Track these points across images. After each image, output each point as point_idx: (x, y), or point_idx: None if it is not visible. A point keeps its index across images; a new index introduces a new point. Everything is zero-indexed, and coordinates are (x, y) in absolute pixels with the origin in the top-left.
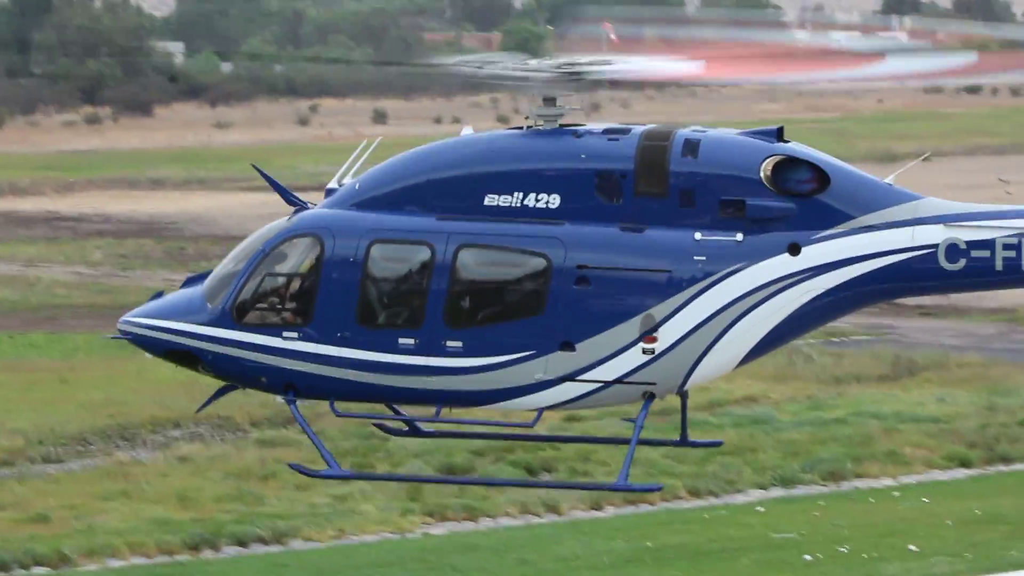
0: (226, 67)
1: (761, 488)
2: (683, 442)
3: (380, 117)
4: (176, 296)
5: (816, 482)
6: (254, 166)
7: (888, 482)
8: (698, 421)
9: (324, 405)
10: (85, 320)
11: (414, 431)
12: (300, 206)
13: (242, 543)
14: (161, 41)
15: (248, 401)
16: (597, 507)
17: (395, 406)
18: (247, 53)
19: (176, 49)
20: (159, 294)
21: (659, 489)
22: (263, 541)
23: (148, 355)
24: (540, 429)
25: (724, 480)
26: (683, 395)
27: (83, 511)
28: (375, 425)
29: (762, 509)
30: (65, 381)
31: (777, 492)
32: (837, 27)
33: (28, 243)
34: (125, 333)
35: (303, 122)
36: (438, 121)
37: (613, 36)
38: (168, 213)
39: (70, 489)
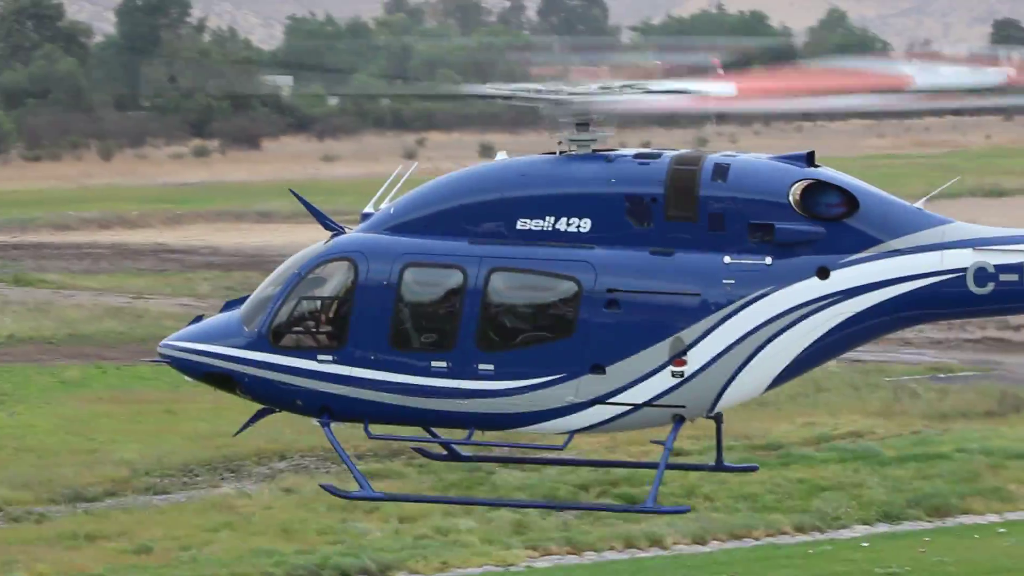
0: (333, 100)
1: (866, 524)
2: (718, 467)
3: (486, 151)
4: (214, 320)
5: (921, 518)
6: (291, 191)
7: (993, 518)
8: (802, 455)
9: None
10: None
11: (452, 455)
12: (337, 231)
13: (346, 575)
14: (269, 75)
15: (353, 434)
16: (701, 541)
17: (430, 429)
18: (346, 92)
19: (284, 82)
20: (199, 318)
21: (687, 511)
22: (367, 573)
23: (188, 378)
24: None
25: (828, 515)
26: (718, 419)
27: (188, 542)
28: (414, 449)
29: (867, 545)
30: (172, 412)
31: (882, 528)
32: (944, 58)
33: (136, 275)
34: (165, 357)
35: (409, 155)
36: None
37: (720, 70)
38: (275, 245)
39: (175, 520)
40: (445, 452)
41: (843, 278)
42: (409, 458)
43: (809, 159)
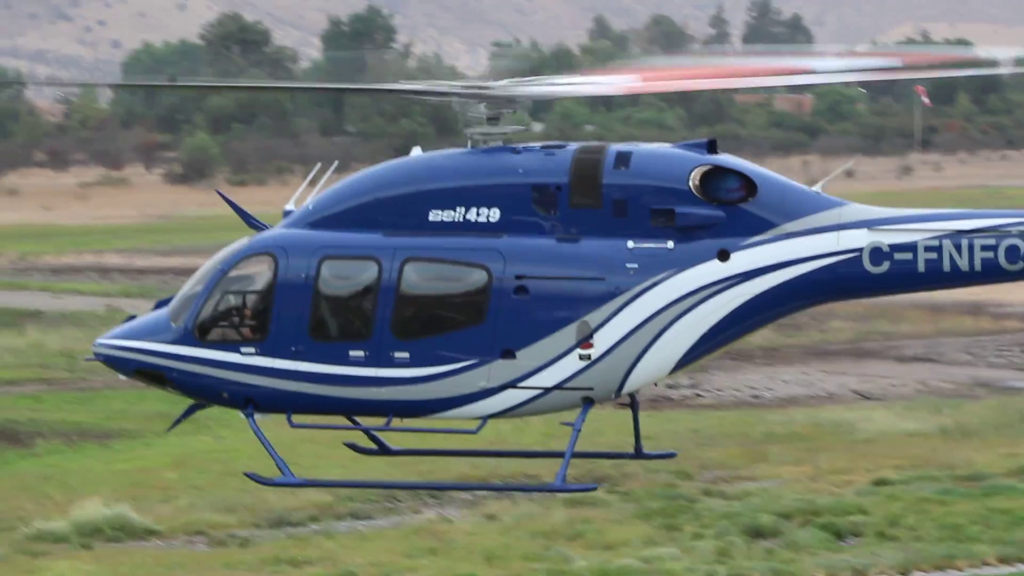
0: (537, 127)
1: None
2: (637, 454)
3: None
4: (145, 318)
5: None
6: (217, 191)
7: None
8: (1006, 486)
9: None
10: None
11: (383, 449)
12: (260, 228)
13: None
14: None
15: (555, 463)
16: (904, 571)
17: (352, 418)
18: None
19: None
20: (131, 318)
21: (594, 489)
22: None
23: (121, 376)
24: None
25: None
26: (634, 407)
27: (390, 568)
28: (346, 445)
29: None
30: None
31: None
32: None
33: None
34: (98, 355)
35: None
36: None
37: (926, 99)
38: None
39: (378, 546)
40: (376, 447)
41: (743, 260)
42: (612, 485)
43: (710, 146)
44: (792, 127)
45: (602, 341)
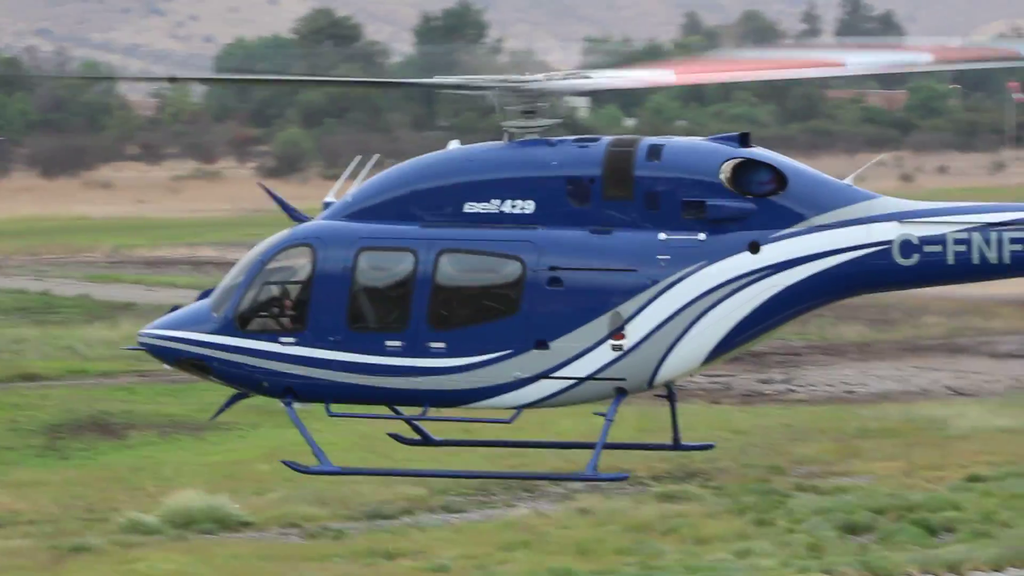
0: (629, 122)
1: None
2: (676, 446)
3: None
4: (188, 308)
5: None
6: (260, 184)
7: None
8: None
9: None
10: None
11: (425, 440)
12: (302, 220)
13: None
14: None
15: (650, 455)
16: (998, 567)
17: (393, 408)
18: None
19: (581, 103)
20: (175, 308)
21: (626, 478)
22: None
23: (165, 366)
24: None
25: None
26: (672, 398)
27: (484, 561)
28: (390, 435)
29: None
30: (467, 431)
31: None
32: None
33: None
34: (143, 345)
35: None
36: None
37: (1019, 95)
38: None
39: (471, 539)
40: (419, 438)
41: (774, 252)
42: (704, 479)
43: (742, 139)
44: (884, 123)
45: (634, 332)
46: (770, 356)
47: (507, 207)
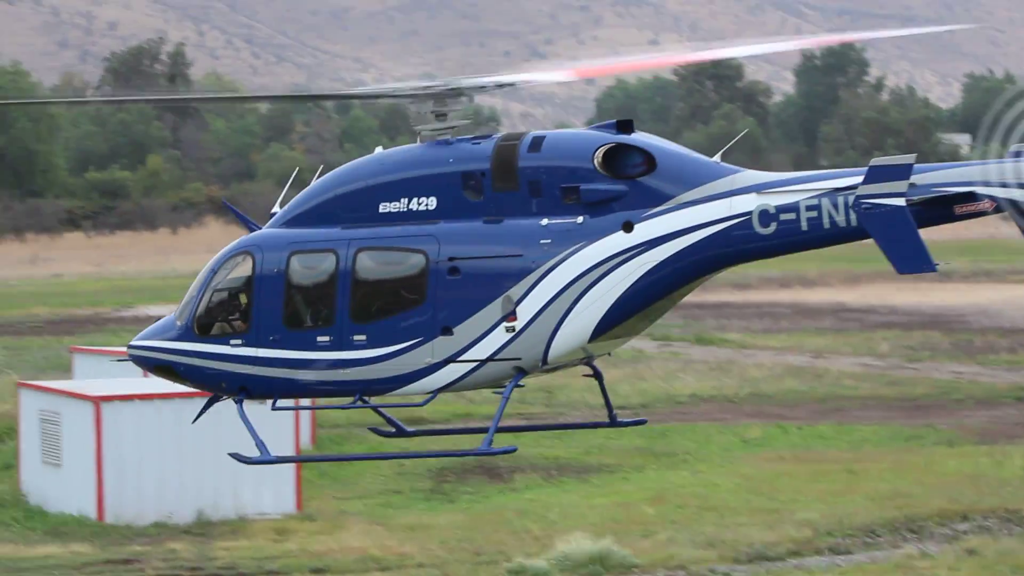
0: None
1: None
2: (612, 423)
3: None
4: (163, 319)
5: None
6: (223, 201)
7: None
8: None
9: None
10: (872, 412)
11: (400, 432)
12: (254, 230)
13: None
14: (947, 133)
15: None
16: None
17: (371, 402)
18: None
19: (962, 141)
20: (158, 319)
21: (515, 450)
22: None
23: (150, 375)
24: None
25: None
26: (598, 375)
27: None
28: (370, 429)
29: None
30: (852, 472)
31: None
32: None
33: (816, 334)
34: (131, 356)
35: None
36: None
37: None
38: (955, 306)
39: None
40: (393, 430)
41: (646, 230)
42: None
43: (620, 126)
44: None
45: (524, 313)
46: None
47: (414, 205)
